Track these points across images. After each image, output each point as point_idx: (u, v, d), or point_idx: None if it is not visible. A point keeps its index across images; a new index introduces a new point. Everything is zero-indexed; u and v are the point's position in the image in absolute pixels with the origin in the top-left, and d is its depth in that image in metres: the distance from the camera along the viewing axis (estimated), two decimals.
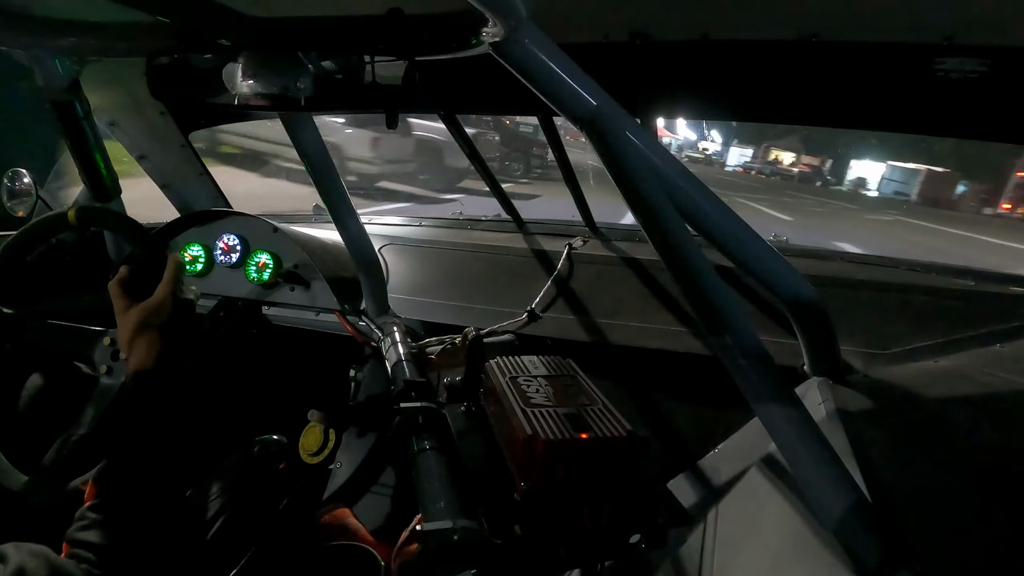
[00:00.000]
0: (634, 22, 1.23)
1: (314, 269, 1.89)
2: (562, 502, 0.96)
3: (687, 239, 0.98)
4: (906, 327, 1.54)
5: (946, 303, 1.61)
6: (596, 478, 0.97)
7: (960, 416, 1.18)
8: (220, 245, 1.99)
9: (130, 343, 1.08)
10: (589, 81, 0.96)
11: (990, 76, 1.21)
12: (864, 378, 1.38)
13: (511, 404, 1.05)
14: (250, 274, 1.95)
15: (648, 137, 0.98)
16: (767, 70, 1.37)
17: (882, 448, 1.07)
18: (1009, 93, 1.26)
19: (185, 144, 2.17)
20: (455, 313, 1.88)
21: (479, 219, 2.48)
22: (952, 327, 1.51)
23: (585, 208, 2.19)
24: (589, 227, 2.22)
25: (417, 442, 1.19)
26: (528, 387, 1.12)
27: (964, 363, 1.41)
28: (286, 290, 1.94)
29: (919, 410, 1.24)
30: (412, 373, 1.53)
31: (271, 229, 1.95)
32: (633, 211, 0.99)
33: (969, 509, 0.92)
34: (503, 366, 1.22)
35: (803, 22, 1.14)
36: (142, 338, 1.06)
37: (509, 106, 2.05)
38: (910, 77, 1.29)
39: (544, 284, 1.87)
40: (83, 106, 1.66)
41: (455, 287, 1.97)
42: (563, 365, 1.25)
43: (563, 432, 0.96)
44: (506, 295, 1.88)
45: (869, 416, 1.20)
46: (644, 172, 0.96)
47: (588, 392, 1.13)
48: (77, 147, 1.73)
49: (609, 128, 0.96)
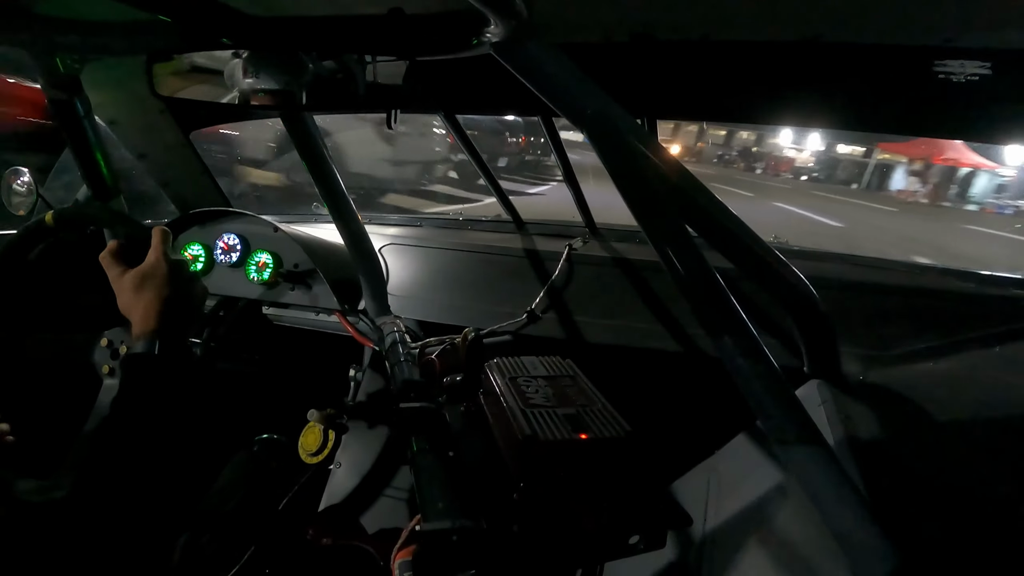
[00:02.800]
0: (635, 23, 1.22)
1: (314, 269, 1.89)
2: (561, 503, 0.96)
3: (687, 240, 0.97)
4: (906, 329, 1.54)
5: (947, 305, 1.61)
6: (595, 479, 0.97)
7: (960, 418, 1.18)
8: (220, 244, 1.99)
9: (129, 307, 1.07)
10: (589, 82, 0.96)
11: (991, 78, 1.21)
12: (864, 380, 1.38)
13: (510, 405, 1.05)
14: (250, 274, 1.95)
15: (648, 138, 0.98)
16: (769, 71, 1.37)
17: (881, 450, 1.07)
18: (1009, 95, 1.26)
19: (186, 143, 2.17)
20: (455, 313, 1.87)
21: (479, 219, 2.47)
22: (953, 329, 1.51)
23: (585, 209, 2.19)
24: (589, 228, 2.21)
25: (416, 442, 1.19)
26: (527, 387, 1.12)
27: (964, 365, 1.41)
28: (286, 290, 1.94)
29: (919, 412, 1.24)
30: (412, 373, 1.53)
31: (271, 229, 1.95)
32: (633, 212, 0.99)
33: (968, 511, 0.92)
34: (502, 366, 1.22)
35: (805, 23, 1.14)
36: (140, 300, 1.06)
37: (510, 106, 2.05)
38: (911, 79, 1.29)
39: (544, 285, 1.86)
40: (83, 105, 1.66)
41: (455, 287, 1.97)
42: (563, 366, 1.25)
43: (562, 433, 0.96)
44: (506, 295, 1.88)
45: (869, 418, 1.20)
46: (644, 173, 0.96)
47: (588, 393, 1.13)
48: (77, 146, 1.72)
49: (609, 129, 0.96)
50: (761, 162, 28.96)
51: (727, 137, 31.60)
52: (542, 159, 13.87)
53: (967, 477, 0.99)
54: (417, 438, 1.20)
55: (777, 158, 28.52)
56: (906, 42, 1.20)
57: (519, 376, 1.17)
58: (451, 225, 2.44)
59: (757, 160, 29.39)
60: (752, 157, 29.76)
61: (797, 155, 28.63)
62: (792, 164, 28.03)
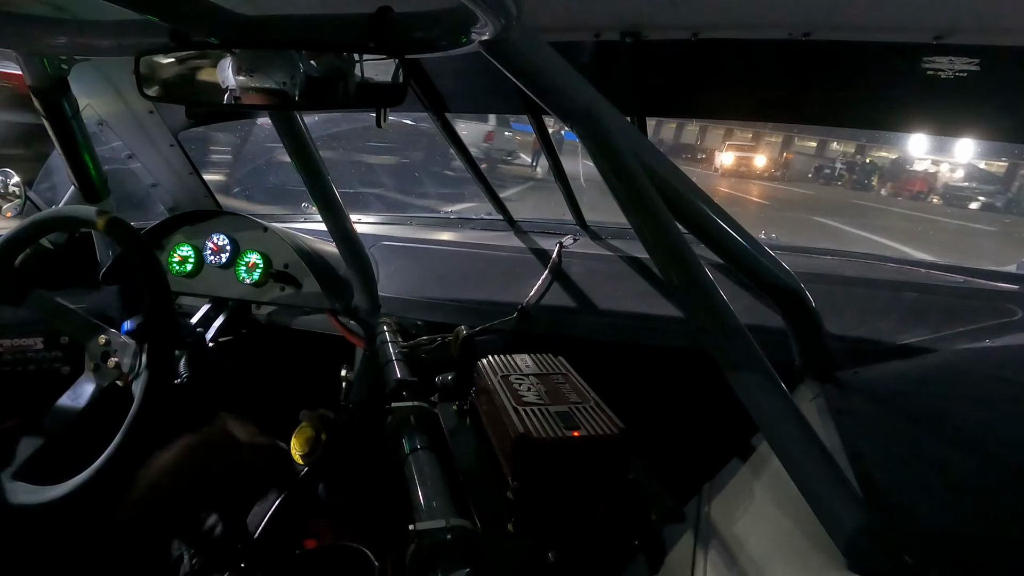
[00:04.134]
0: (625, 21, 1.23)
1: (304, 269, 1.88)
2: (555, 500, 0.96)
3: (677, 236, 0.98)
4: (896, 323, 1.54)
5: (936, 299, 1.62)
6: (588, 476, 0.97)
7: (951, 412, 1.19)
8: (210, 245, 1.98)
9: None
10: (579, 79, 0.96)
11: (979, 75, 1.21)
12: (855, 374, 1.39)
13: (503, 403, 1.05)
14: (240, 274, 1.94)
15: (638, 135, 0.98)
16: (758, 69, 1.38)
17: (873, 444, 1.07)
18: (998, 91, 1.27)
19: (175, 143, 2.16)
20: (446, 312, 1.87)
21: (470, 217, 2.47)
22: (942, 323, 1.52)
23: (576, 207, 2.19)
24: (580, 225, 2.22)
25: (409, 441, 1.19)
26: (520, 385, 1.12)
27: (954, 359, 1.42)
28: (276, 290, 1.93)
29: (910, 406, 1.24)
30: (404, 372, 1.53)
31: (261, 229, 1.95)
32: (623, 208, 1.00)
33: (961, 504, 0.92)
34: (495, 365, 1.22)
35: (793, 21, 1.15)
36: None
37: (500, 105, 2.06)
38: (900, 76, 1.30)
39: (535, 282, 1.86)
40: (71, 106, 1.65)
41: (446, 286, 1.97)
42: (554, 363, 1.25)
43: (555, 430, 0.96)
44: (498, 293, 1.88)
45: (860, 412, 1.20)
46: (634, 170, 0.97)
47: (580, 390, 1.13)
48: (66, 147, 1.72)
49: (599, 126, 0.96)
50: (874, 177, 22.00)
51: (819, 147, 25.94)
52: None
53: (960, 471, 1.00)
54: (410, 437, 1.20)
55: (910, 173, 21.09)
56: (895, 39, 1.20)
57: (511, 374, 1.18)
58: (442, 223, 2.44)
59: (867, 175, 22.49)
60: (866, 172, 22.94)
61: (934, 167, 20.67)
62: (930, 182, 20.10)
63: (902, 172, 21.46)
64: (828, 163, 24.56)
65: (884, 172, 22.27)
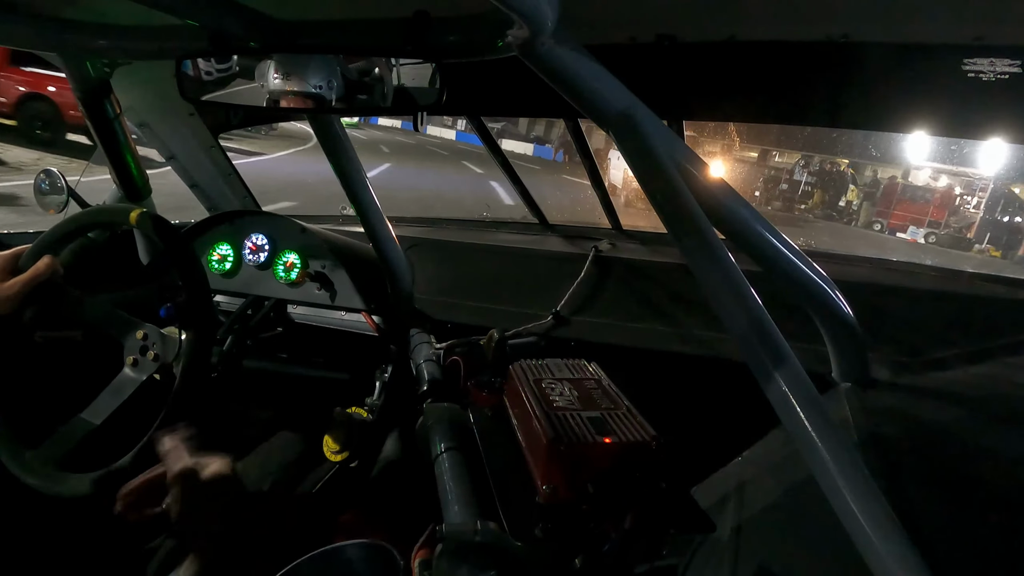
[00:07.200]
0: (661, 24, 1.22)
1: (341, 269, 1.90)
2: (584, 507, 0.96)
3: (714, 242, 0.97)
4: (937, 335, 1.51)
5: (978, 311, 1.58)
6: (619, 483, 0.96)
7: (991, 428, 1.16)
8: (248, 245, 2.01)
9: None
10: (616, 83, 0.96)
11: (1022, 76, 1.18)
12: (893, 386, 1.36)
13: (534, 407, 1.05)
14: (278, 274, 1.97)
15: (676, 139, 0.98)
16: (795, 71, 1.36)
17: (910, 459, 1.05)
18: None
19: (214, 145, 2.20)
20: (480, 314, 1.88)
21: (505, 221, 2.48)
22: (984, 335, 1.48)
23: (611, 210, 2.18)
24: (616, 229, 2.21)
25: (440, 442, 1.19)
26: (552, 390, 1.12)
27: (996, 372, 1.39)
28: (313, 290, 1.95)
29: (949, 420, 1.22)
30: (436, 373, 1.53)
31: (299, 229, 1.97)
32: (659, 213, 0.99)
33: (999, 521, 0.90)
34: (527, 369, 1.22)
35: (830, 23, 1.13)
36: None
37: (535, 108, 2.05)
38: (939, 78, 1.27)
39: (569, 286, 1.86)
40: (114, 108, 1.69)
41: (481, 288, 1.97)
42: (587, 368, 1.25)
43: (586, 436, 0.96)
44: (531, 297, 1.88)
45: (897, 425, 1.18)
46: (671, 175, 0.96)
47: (612, 396, 1.12)
48: (108, 148, 1.76)
49: (636, 130, 0.96)
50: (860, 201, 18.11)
51: (762, 155, 21.43)
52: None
53: (999, 487, 0.97)
54: (441, 438, 1.21)
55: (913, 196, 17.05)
56: (934, 40, 1.18)
57: (543, 378, 1.17)
58: (477, 226, 2.44)
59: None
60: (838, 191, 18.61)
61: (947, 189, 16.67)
62: (948, 210, 16.34)
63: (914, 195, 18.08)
64: (791, 177, 20.20)
65: (870, 196, 18.79)
